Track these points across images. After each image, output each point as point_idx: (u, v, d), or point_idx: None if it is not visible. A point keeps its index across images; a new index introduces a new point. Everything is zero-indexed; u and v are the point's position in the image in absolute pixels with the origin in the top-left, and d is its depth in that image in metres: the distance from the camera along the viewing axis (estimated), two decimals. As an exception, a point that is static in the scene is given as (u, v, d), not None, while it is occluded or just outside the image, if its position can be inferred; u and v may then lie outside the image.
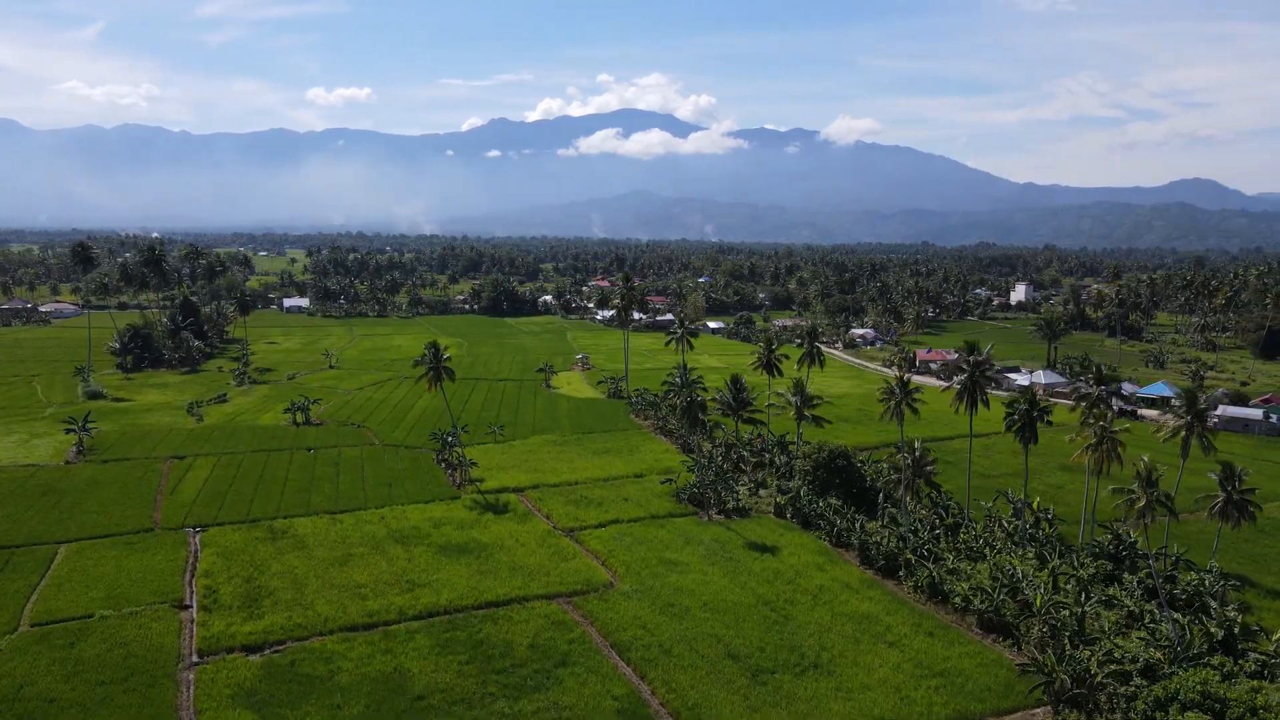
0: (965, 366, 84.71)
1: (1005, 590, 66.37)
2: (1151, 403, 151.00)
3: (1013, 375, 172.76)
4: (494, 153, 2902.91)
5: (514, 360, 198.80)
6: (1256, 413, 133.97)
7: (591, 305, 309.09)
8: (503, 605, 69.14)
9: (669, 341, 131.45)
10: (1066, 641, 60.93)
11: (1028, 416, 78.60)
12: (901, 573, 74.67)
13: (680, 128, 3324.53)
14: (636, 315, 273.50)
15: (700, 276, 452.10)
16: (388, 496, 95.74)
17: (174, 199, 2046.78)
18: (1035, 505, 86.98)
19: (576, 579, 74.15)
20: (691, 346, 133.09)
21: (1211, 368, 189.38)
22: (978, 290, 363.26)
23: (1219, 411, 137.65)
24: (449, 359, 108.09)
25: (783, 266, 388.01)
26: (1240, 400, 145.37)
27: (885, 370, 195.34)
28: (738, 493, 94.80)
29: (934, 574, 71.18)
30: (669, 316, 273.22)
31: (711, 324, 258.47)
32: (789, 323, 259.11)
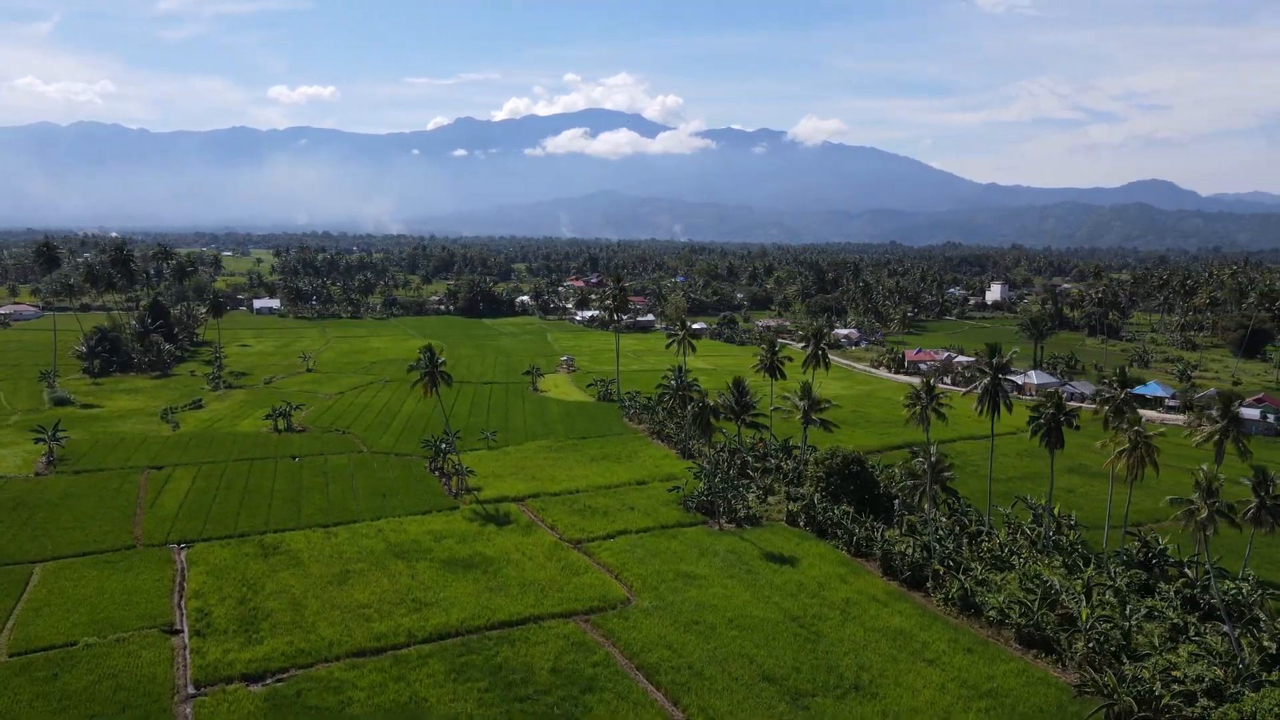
0: (986, 370, 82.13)
1: (1044, 603, 63.73)
2: (1145, 403, 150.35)
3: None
4: (460, 152, 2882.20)
5: (497, 363, 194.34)
6: (1254, 413, 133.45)
7: (569, 306, 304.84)
8: (517, 625, 65.33)
9: (670, 344, 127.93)
10: (1112, 658, 58.45)
11: (1054, 421, 76.21)
12: (929, 584, 71.92)
13: (648, 128, 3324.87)
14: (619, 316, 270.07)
15: (675, 276, 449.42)
16: (382, 507, 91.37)
17: (132, 198, 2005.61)
18: (1055, 511, 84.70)
19: (591, 595, 70.50)
20: (694, 349, 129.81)
21: (1195, 367, 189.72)
22: (953, 289, 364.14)
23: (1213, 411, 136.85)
24: (444, 363, 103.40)
25: (760, 266, 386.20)
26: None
27: (874, 371, 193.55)
28: (748, 500, 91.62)
29: (965, 586, 68.45)
30: (650, 317, 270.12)
31: (695, 324, 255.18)
32: (772, 323, 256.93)
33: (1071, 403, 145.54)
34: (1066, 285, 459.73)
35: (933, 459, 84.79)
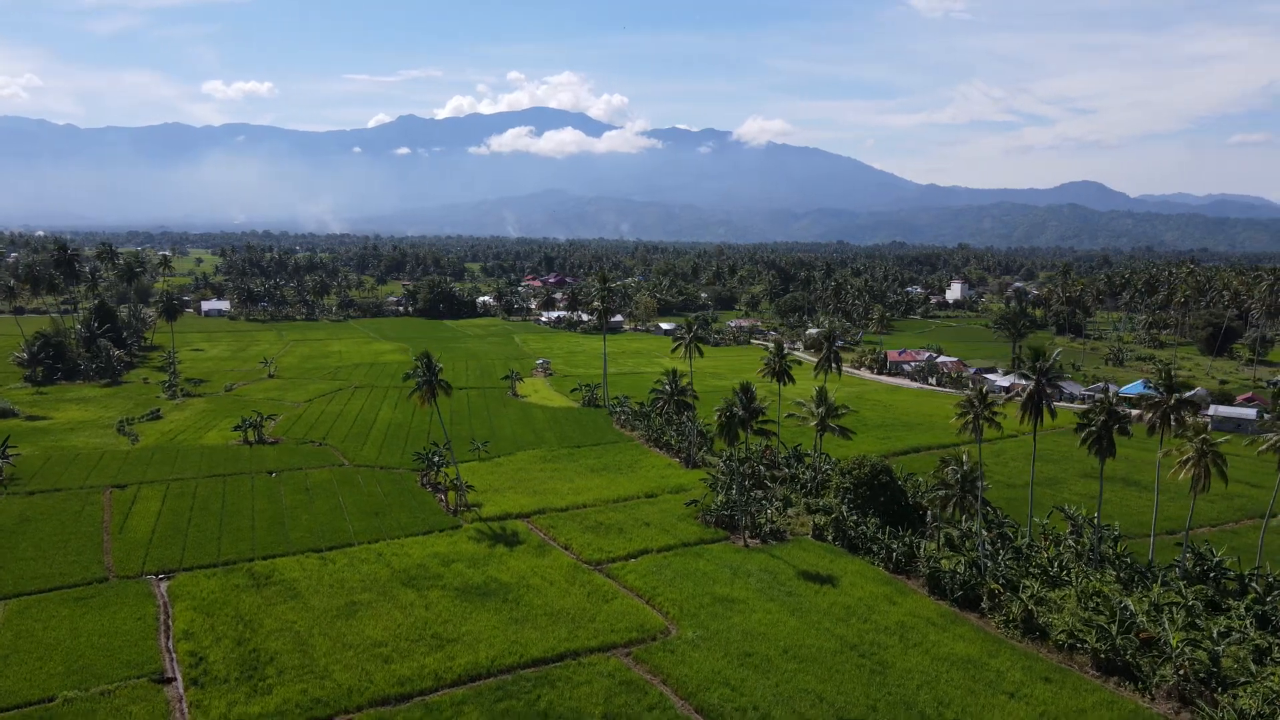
0: (1030, 375, 78.09)
1: (1122, 626, 59.63)
2: (1133, 403, 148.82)
3: (990, 376, 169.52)
4: (403, 150, 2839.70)
5: (468, 367, 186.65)
6: (1250, 412, 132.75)
7: (532, 306, 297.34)
8: (554, 662, 59.23)
9: (676, 347, 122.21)
10: (1202, 685, 54.55)
11: (1105, 429, 72.44)
12: (984, 604, 67.52)
13: (593, 127, 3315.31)
14: (584, 317, 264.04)
15: (632, 275, 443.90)
16: (378, 528, 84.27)
17: (59, 195, 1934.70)
18: (1095, 520, 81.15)
19: (628, 625, 64.63)
20: (701, 354, 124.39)
21: (1168, 365, 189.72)
22: (912, 288, 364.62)
23: (1210, 411, 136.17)
24: (441, 369, 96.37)
25: (724, 266, 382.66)
26: (1226, 400, 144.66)
27: (856, 372, 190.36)
28: (771, 514, 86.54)
29: (1028, 607, 64.15)
30: (618, 318, 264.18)
31: (664, 325, 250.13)
32: (745, 323, 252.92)
33: (1064, 404, 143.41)
34: (1020, 284, 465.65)
35: (965, 467, 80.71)
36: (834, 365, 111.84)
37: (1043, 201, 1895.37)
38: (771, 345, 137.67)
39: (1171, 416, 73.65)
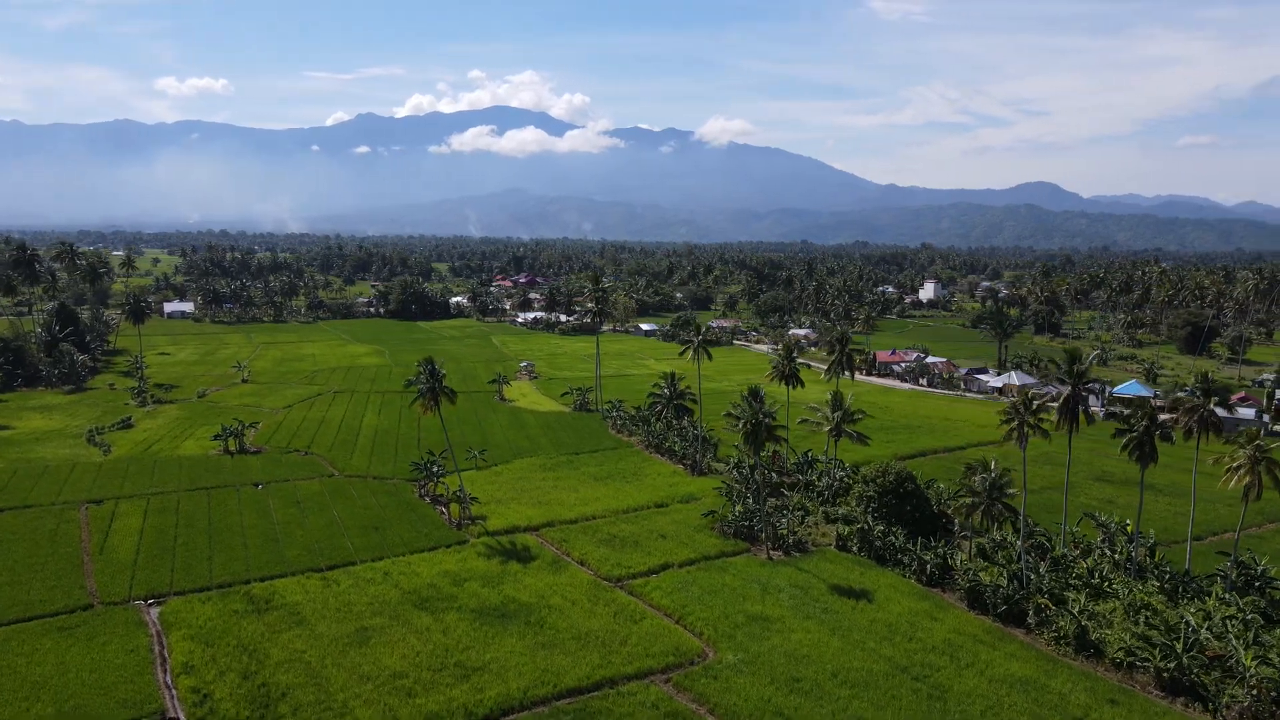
0: (1066, 379, 75.47)
1: (1185, 642, 56.99)
2: (1129, 403, 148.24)
3: (982, 377, 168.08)
4: (363, 149, 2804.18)
5: (450, 370, 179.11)
6: (1248, 413, 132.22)
7: (507, 307, 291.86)
8: (590, 691, 55.22)
9: (683, 352, 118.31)
10: (1274, 705, 52.06)
11: (1147, 434, 69.99)
12: (1030, 619, 64.66)
13: (555, 126, 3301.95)
14: (563, 318, 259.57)
15: (602, 276, 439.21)
16: (379, 544, 79.46)
17: (6, 193, 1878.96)
18: (1130, 528, 78.89)
19: (662, 648, 60.77)
20: (710, 357, 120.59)
21: (1157, 365, 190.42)
22: (885, 288, 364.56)
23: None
24: (444, 375, 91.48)
25: (699, 266, 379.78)
26: (1223, 400, 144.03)
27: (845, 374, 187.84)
28: (793, 523, 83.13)
29: (1081, 622, 61.37)
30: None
31: (644, 325, 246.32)
32: (725, 323, 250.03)
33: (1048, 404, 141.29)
34: (987, 283, 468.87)
35: (994, 474, 77.97)
36: (848, 369, 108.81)
37: (999, 202, 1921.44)
38: (762, 347, 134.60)
39: (1209, 421, 71.46)
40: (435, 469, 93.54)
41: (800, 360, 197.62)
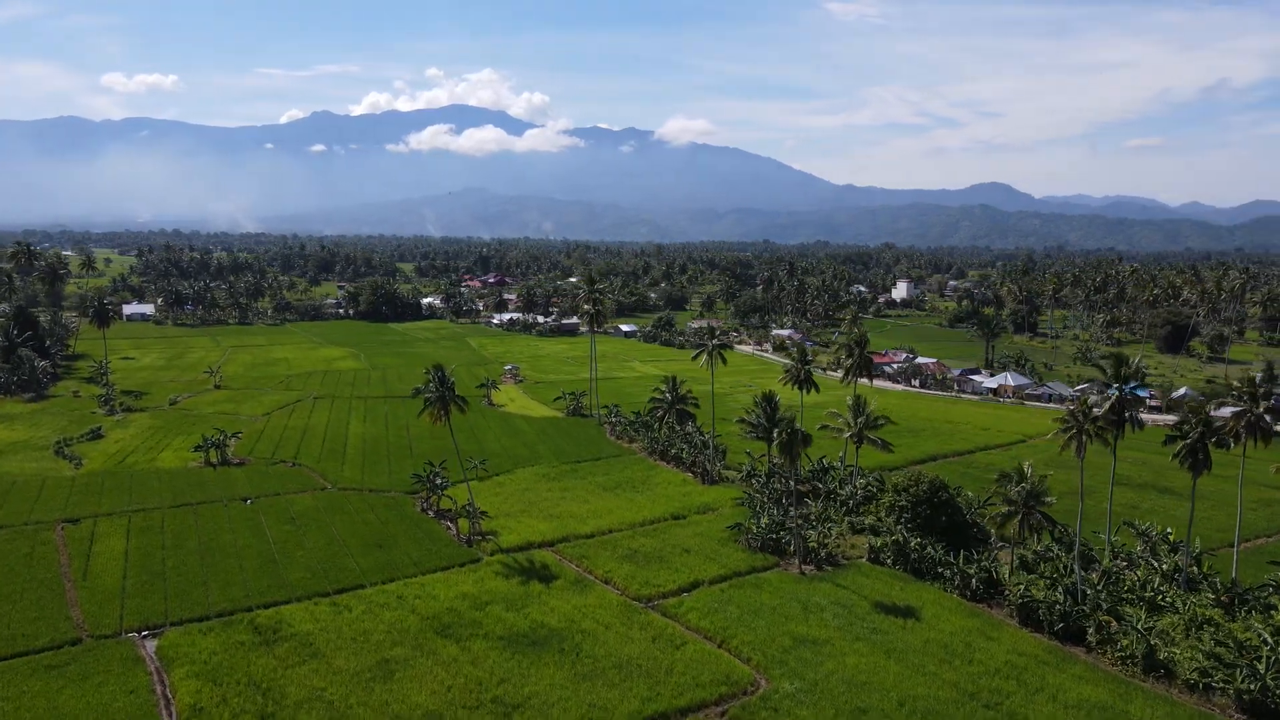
0: (1111, 383, 72.54)
1: (1265, 662, 54.21)
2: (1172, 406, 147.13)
3: (976, 377, 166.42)
4: (319, 147, 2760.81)
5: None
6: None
7: (480, 308, 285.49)
8: (644, 729, 50.95)
9: (697, 356, 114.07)
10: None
11: (1200, 443, 67.36)
12: (1091, 638, 61.61)
13: (514, 125, 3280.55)
14: (539, 319, 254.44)
15: (570, 276, 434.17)
16: (387, 564, 74.33)
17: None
18: (1173, 538, 76.52)
19: (711, 677, 56.67)
20: (725, 362, 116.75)
21: (1144, 365, 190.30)
22: (858, 288, 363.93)
23: (1211, 413, 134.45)
24: (453, 382, 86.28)
25: (674, 266, 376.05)
26: (1220, 400, 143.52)
27: (835, 375, 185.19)
28: (824, 535, 79.46)
29: (1149, 641, 58.41)
30: (574, 320, 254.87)
31: (624, 326, 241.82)
32: (713, 323, 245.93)
33: (1056, 405, 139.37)
34: (954, 282, 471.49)
35: (1030, 483, 75.05)
36: (865, 372, 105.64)
37: (955, 202, 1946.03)
38: (746, 349, 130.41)
39: (1259, 427, 69.14)
40: (439, 481, 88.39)
41: (786, 361, 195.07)
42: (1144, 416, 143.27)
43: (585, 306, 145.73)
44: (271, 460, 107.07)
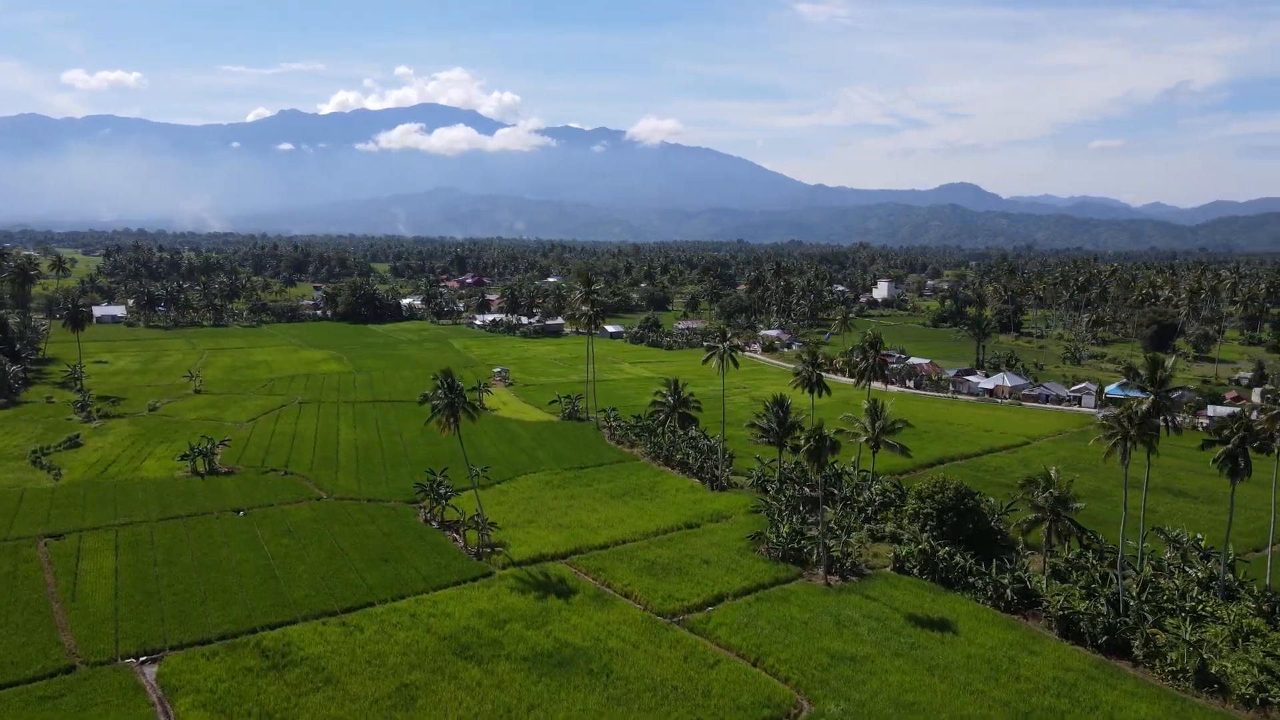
0: (1148, 387, 70.56)
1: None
2: (1119, 403, 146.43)
3: (972, 378, 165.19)
4: (286, 146, 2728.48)
5: (414, 376, 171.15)
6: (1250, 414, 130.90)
7: (460, 308, 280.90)
8: (688, 758, 48.05)
9: (708, 359, 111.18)
10: None
11: (1240, 449, 65.62)
12: (1137, 650, 59.59)
13: (485, 125, 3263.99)
14: (523, 320, 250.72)
15: (549, 276, 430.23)
16: (395, 580, 70.79)
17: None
18: (1204, 544, 74.92)
19: (752, 698, 53.92)
20: (736, 365, 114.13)
21: (1133, 365, 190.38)
22: (838, 287, 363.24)
23: (1210, 412, 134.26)
24: (466, 391, 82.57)
25: (655, 265, 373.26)
26: (1216, 400, 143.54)
27: (832, 378, 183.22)
28: (848, 544, 77.01)
29: (1201, 655, 56.47)
30: (559, 320, 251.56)
31: (610, 328, 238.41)
32: (694, 324, 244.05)
33: (1053, 406, 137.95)
34: (932, 281, 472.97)
35: (1058, 489, 73.16)
36: (879, 376, 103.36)
37: (924, 202, 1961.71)
38: (806, 355, 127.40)
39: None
40: (443, 490, 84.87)
41: (788, 365, 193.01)
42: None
43: (583, 308, 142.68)
44: (262, 469, 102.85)
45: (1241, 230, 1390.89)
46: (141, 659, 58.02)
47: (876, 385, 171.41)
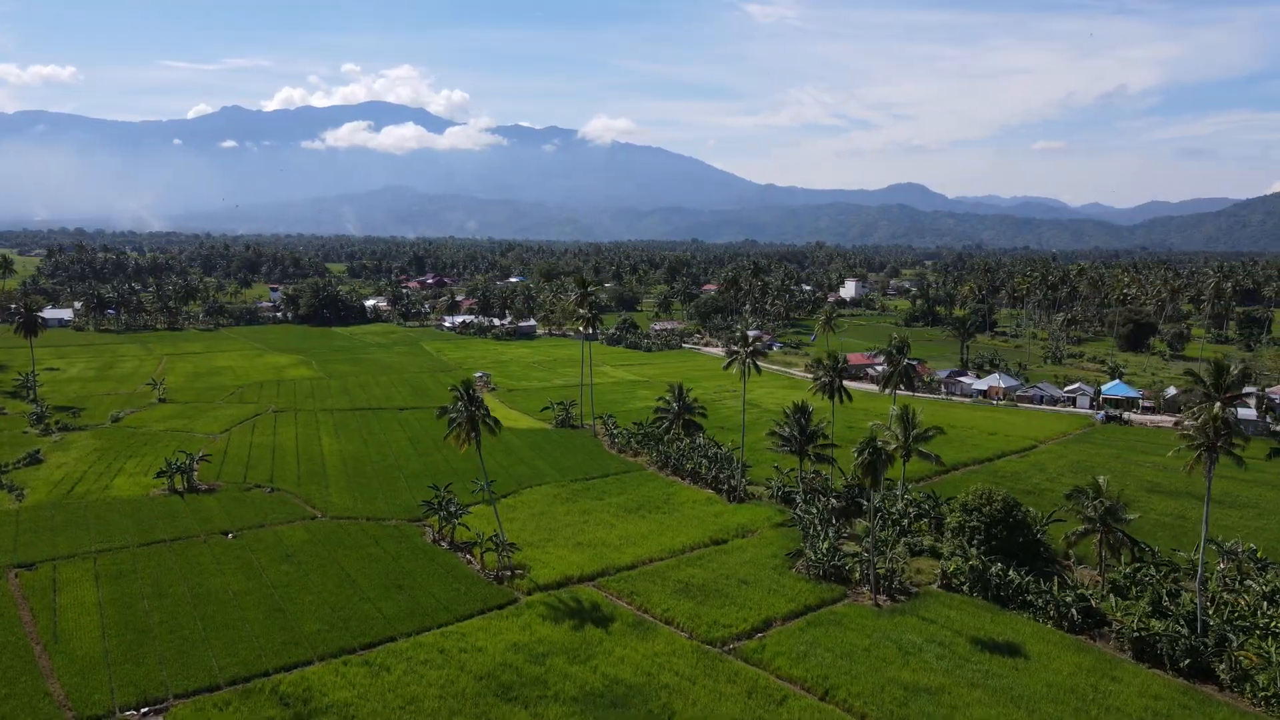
0: (1213, 393, 66.91)
1: None
2: (1116, 404, 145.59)
3: (964, 379, 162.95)
4: (229, 143, 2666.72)
5: (391, 381, 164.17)
6: (1250, 413, 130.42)
7: (428, 310, 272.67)
8: (781, 814, 43.26)
9: (729, 364, 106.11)
10: None
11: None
12: (1223, 675, 56.26)
13: (435, 123, 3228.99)
14: (495, 322, 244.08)
15: (510, 276, 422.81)
16: (413, 610, 64.89)
17: None
18: (1259, 554, 72.22)
19: (833, 741, 49.35)
20: (759, 371, 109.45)
21: (1124, 365, 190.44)
22: (805, 286, 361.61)
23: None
24: (483, 397, 76.69)
25: (623, 266, 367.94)
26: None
27: (805, 378, 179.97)
28: (893, 561, 72.85)
29: (1296, 678, 53.31)
30: (531, 322, 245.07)
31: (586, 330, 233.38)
32: (671, 325, 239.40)
33: (1047, 407, 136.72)
34: (895, 280, 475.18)
35: (1108, 499, 70.04)
36: (907, 381, 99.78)
37: (873, 202, 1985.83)
38: (715, 350, 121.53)
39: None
40: (453, 508, 78.99)
41: (772, 367, 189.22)
42: (1138, 417, 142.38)
43: (580, 311, 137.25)
44: (244, 485, 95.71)
45: (1176, 230, 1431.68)
46: (144, 710, 51.62)
47: (867, 387, 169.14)
